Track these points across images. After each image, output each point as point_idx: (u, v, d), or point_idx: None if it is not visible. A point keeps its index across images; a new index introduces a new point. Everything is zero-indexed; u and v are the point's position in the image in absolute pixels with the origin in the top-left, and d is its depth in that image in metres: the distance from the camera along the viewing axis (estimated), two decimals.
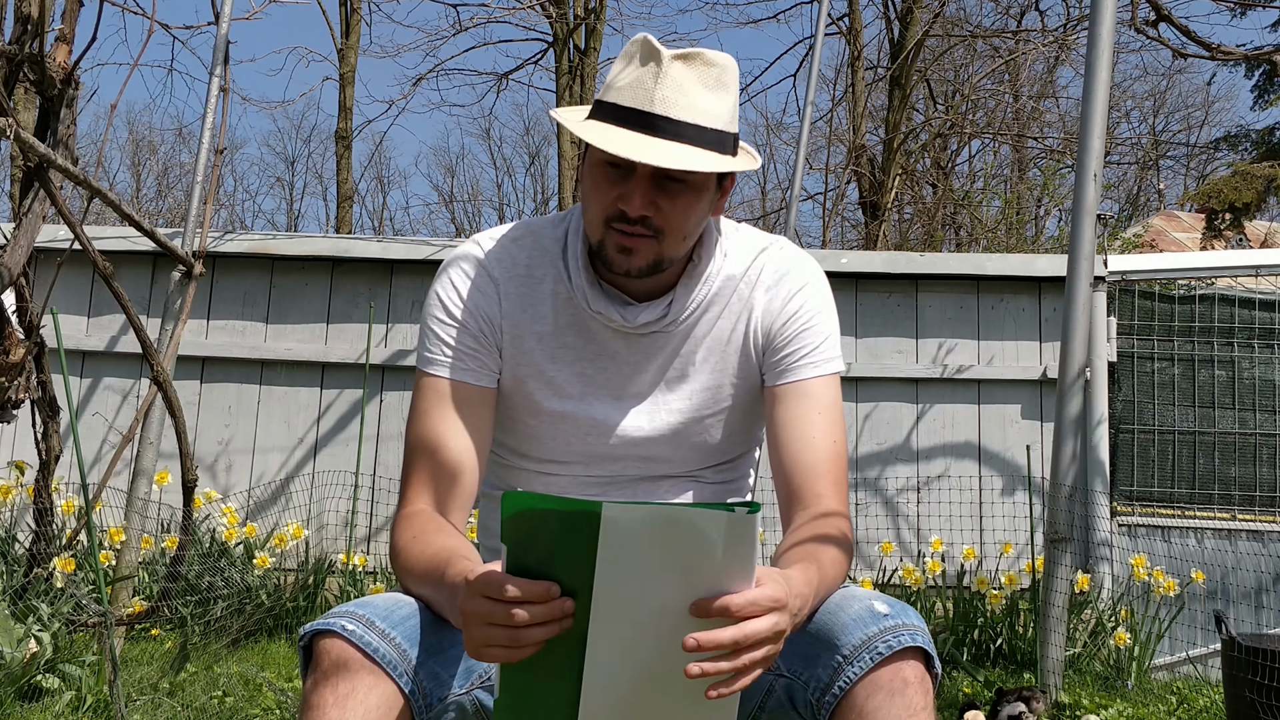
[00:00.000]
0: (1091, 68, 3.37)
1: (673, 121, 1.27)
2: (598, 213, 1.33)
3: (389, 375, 4.89)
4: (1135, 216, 18.53)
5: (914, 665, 1.16)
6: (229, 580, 4.09)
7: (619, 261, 1.33)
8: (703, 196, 1.33)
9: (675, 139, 1.26)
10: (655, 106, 1.27)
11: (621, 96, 1.29)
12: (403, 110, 34.30)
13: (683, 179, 1.30)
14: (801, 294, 1.43)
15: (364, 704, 1.12)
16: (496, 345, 1.41)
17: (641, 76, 1.28)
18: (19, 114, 2.82)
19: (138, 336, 3.10)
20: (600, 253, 1.34)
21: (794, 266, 1.45)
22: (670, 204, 1.30)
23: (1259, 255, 4.97)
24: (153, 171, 23.81)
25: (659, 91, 1.27)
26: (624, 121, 1.28)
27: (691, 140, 1.27)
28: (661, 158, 1.24)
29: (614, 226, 1.31)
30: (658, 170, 1.28)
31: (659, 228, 1.31)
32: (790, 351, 1.42)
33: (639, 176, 1.29)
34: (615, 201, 1.30)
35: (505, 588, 0.98)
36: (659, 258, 1.33)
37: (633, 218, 1.29)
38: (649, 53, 1.29)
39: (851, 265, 4.93)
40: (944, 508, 4.77)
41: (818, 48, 6.21)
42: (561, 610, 0.99)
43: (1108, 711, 3.33)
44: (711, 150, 1.28)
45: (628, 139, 1.26)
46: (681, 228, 1.33)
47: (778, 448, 1.39)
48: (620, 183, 1.30)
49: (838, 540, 1.29)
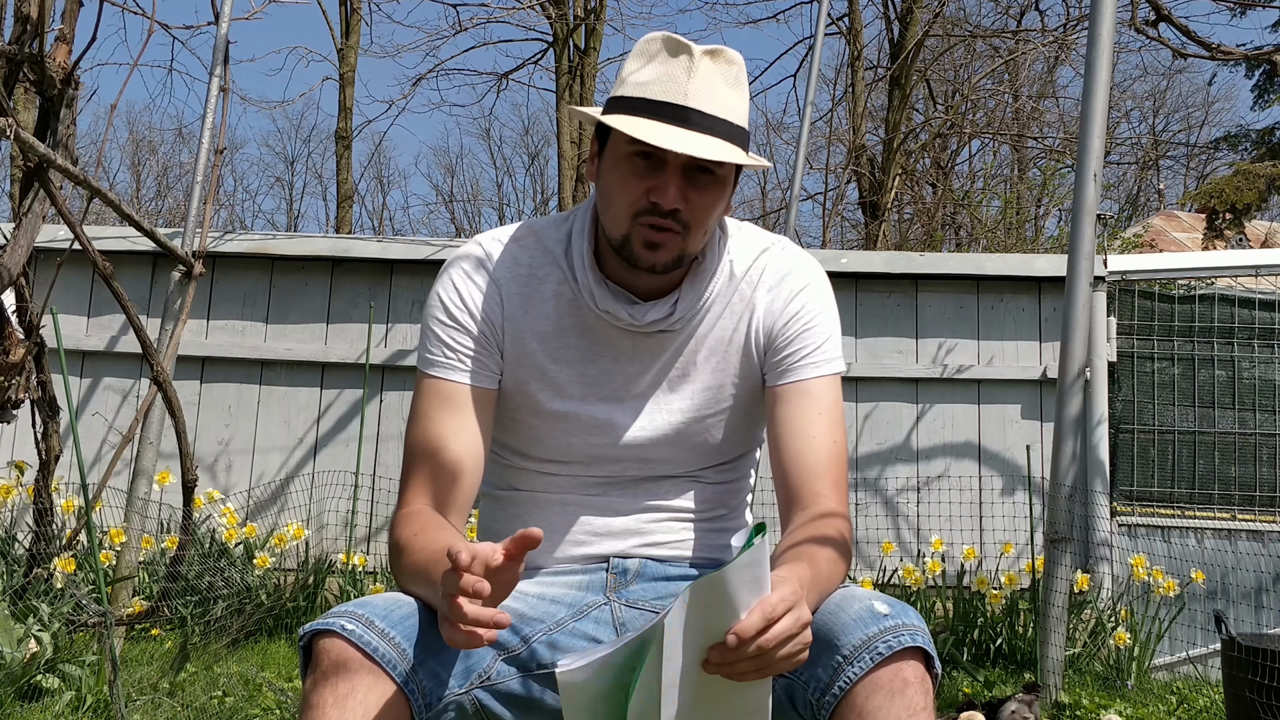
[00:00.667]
0: (1091, 68, 3.37)
1: (706, 115, 1.28)
2: (625, 206, 1.32)
3: (389, 375, 4.89)
4: (1135, 216, 18.53)
5: (914, 665, 1.16)
6: (229, 580, 4.09)
7: (645, 257, 1.33)
8: (726, 191, 1.35)
9: (709, 132, 1.28)
10: (689, 100, 1.28)
11: (650, 91, 1.29)
12: (403, 110, 34.36)
13: (711, 172, 1.31)
14: (803, 294, 1.44)
15: (363, 704, 1.12)
16: (498, 346, 1.41)
17: (672, 70, 1.29)
18: (19, 114, 2.82)
19: (138, 336, 3.10)
20: (624, 248, 1.34)
21: (796, 267, 1.45)
22: (699, 197, 1.31)
23: (1259, 255, 4.97)
24: (153, 171, 23.83)
25: (692, 85, 1.28)
26: (657, 114, 1.28)
27: (721, 135, 1.29)
28: (704, 149, 1.25)
29: (642, 221, 1.31)
30: (689, 163, 1.29)
31: (687, 221, 1.31)
32: (791, 352, 1.42)
33: (671, 168, 1.29)
34: (646, 194, 1.30)
35: (460, 555, 1.02)
36: (682, 252, 1.34)
37: (666, 210, 1.29)
38: (678, 47, 1.30)
39: (851, 265, 4.93)
40: (944, 508, 4.77)
41: (818, 48, 6.21)
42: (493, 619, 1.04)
43: (1107, 712, 3.33)
44: (737, 145, 1.30)
45: (668, 131, 1.26)
46: (705, 221, 1.34)
47: (778, 448, 1.39)
48: (650, 175, 1.30)
49: (835, 540, 1.29)
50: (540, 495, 1.46)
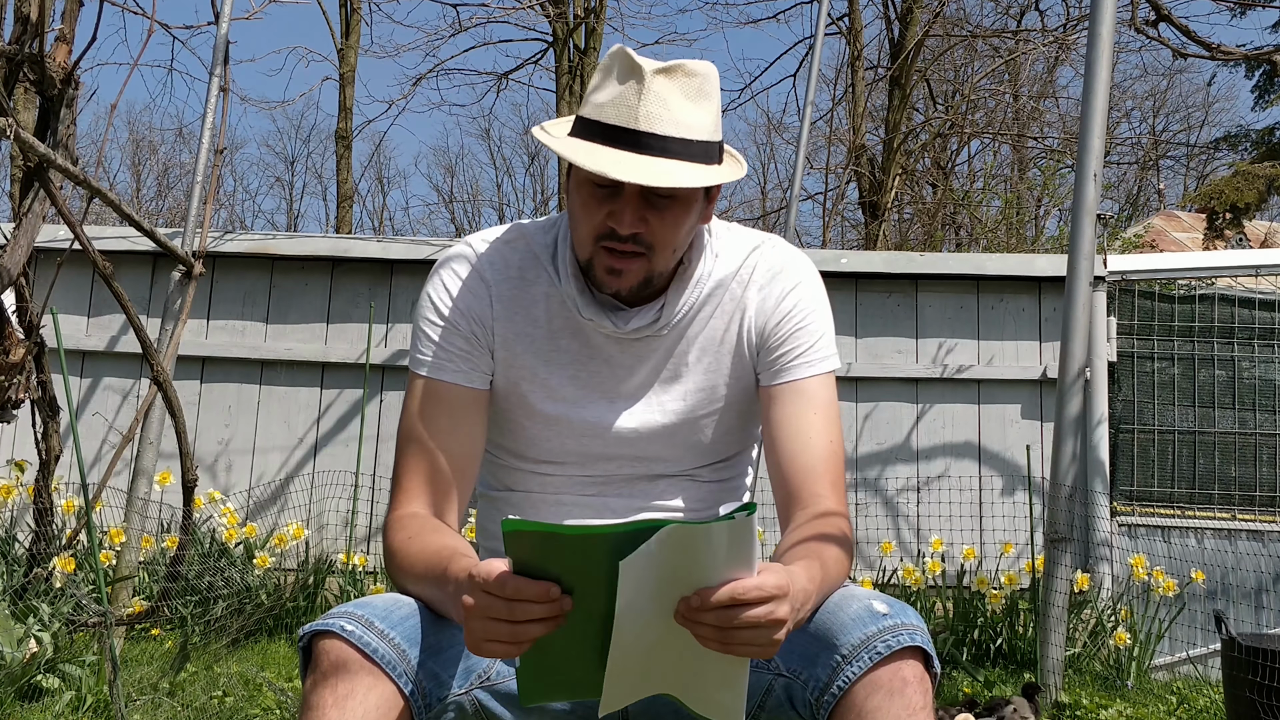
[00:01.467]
0: (1091, 68, 3.37)
1: (659, 137, 1.25)
2: (587, 232, 1.32)
3: (389, 375, 4.89)
4: (1135, 216, 18.53)
5: (913, 665, 1.16)
6: (229, 580, 4.09)
7: (608, 283, 1.33)
8: (691, 209, 1.33)
9: (662, 155, 1.25)
10: (640, 124, 1.25)
11: (604, 114, 1.28)
12: (403, 110, 34.34)
13: (670, 195, 1.29)
14: (795, 292, 1.43)
15: (363, 704, 1.12)
16: (488, 347, 1.41)
17: (624, 93, 1.27)
18: (19, 114, 2.82)
19: (138, 336, 3.10)
20: (590, 272, 1.35)
21: (787, 264, 1.45)
22: (660, 219, 1.30)
23: (1259, 255, 4.97)
24: (153, 171, 23.84)
25: (643, 108, 1.26)
26: (609, 140, 1.26)
27: (678, 155, 1.26)
28: (650, 176, 1.23)
29: (604, 245, 1.31)
30: (646, 190, 1.28)
31: (650, 244, 1.31)
32: (785, 351, 1.41)
33: (628, 194, 1.28)
34: (605, 220, 1.30)
35: (506, 584, 1.01)
36: (648, 275, 1.33)
37: (624, 235, 1.29)
38: (629, 68, 1.27)
39: (851, 265, 4.93)
40: (944, 508, 4.77)
41: (818, 48, 6.21)
42: (560, 609, 1.02)
43: (1107, 712, 3.33)
44: (698, 163, 1.28)
45: (615, 158, 1.25)
46: (671, 242, 1.33)
47: (774, 448, 1.39)
48: (608, 201, 1.29)
49: (838, 539, 1.29)
50: (536, 496, 1.46)
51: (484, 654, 1.05)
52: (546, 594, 1.01)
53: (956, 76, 15.88)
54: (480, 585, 1.03)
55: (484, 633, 1.03)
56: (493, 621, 1.02)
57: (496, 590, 1.01)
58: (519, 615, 1.01)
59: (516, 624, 1.02)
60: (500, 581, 1.01)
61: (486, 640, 1.04)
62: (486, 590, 1.02)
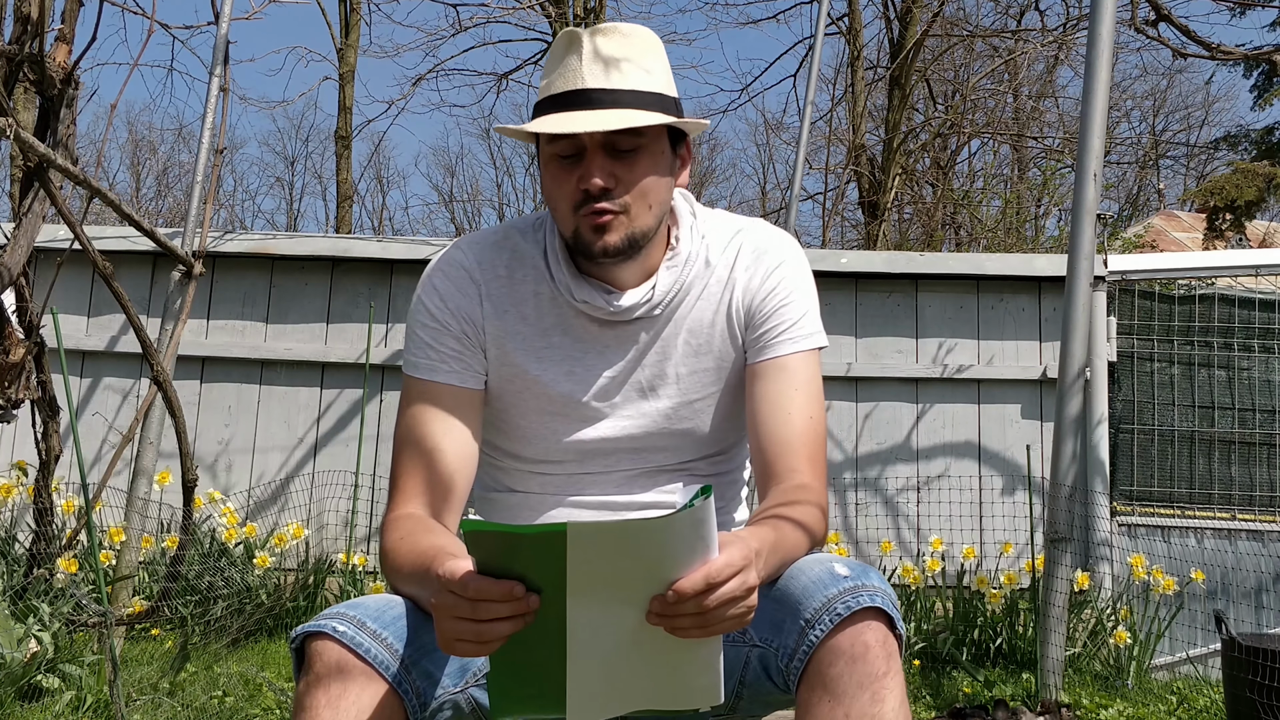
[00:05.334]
0: (1091, 67, 3.37)
1: (608, 91, 1.29)
2: (564, 205, 1.34)
3: (389, 375, 4.89)
4: (1135, 216, 18.54)
5: (876, 627, 1.13)
6: (229, 580, 4.09)
7: (595, 241, 1.33)
8: (659, 160, 1.34)
9: (614, 106, 1.29)
10: (587, 82, 1.30)
11: (553, 87, 1.32)
12: (402, 110, 34.35)
13: (634, 145, 1.31)
14: (779, 270, 1.44)
15: (356, 705, 1.12)
16: (481, 347, 1.42)
17: (567, 63, 1.32)
18: (19, 114, 2.82)
19: (138, 336, 3.10)
20: (578, 243, 1.35)
21: (771, 244, 1.46)
22: (628, 172, 1.32)
23: (1259, 255, 4.97)
24: (153, 171, 23.85)
25: (585, 68, 1.30)
26: (560, 106, 1.30)
27: (631, 104, 1.29)
28: (600, 121, 1.26)
29: (582, 213, 1.32)
30: (607, 142, 1.30)
31: (624, 200, 1.32)
32: (769, 328, 1.42)
33: (591, 152, 1.30)
34: (577, 186, 1.31)
35: (469, 585, 1.01)
36: (631, 232, 1.34)
37: (595, 194, 1.30)
38: (567, 43, 1.34)
39: (851, 265, 4.93)
40: (944, 507, 4.77)
41: (817, 48, 6.21)
42: (526, 607, 1.02)
43: (1107, 712, 3.33)
44: (654, 110, 1.31)
45: (568, 116, 1.29)
46: (645, 195, 1.33)
47: (755, 425, 1.39)
48: (575, 167, 1.32)
49: (806, 508, 1.28)
50: (535, 496, 1.46)
51: (455, 653, 1.06)
52: (509, 593, 1.00)
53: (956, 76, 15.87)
54: (445, 585, 1.03)
55: (452, 632, 1.04)
56: (459, 621, 1.03)
57: (460, 590, 1.02)
58: (483, 615, 1.01)
59: (481, 623, 1.02)
60: (463, 582, 1.02)
61: (455, 640, 1.04)
62: (451, 590, 1.03)
